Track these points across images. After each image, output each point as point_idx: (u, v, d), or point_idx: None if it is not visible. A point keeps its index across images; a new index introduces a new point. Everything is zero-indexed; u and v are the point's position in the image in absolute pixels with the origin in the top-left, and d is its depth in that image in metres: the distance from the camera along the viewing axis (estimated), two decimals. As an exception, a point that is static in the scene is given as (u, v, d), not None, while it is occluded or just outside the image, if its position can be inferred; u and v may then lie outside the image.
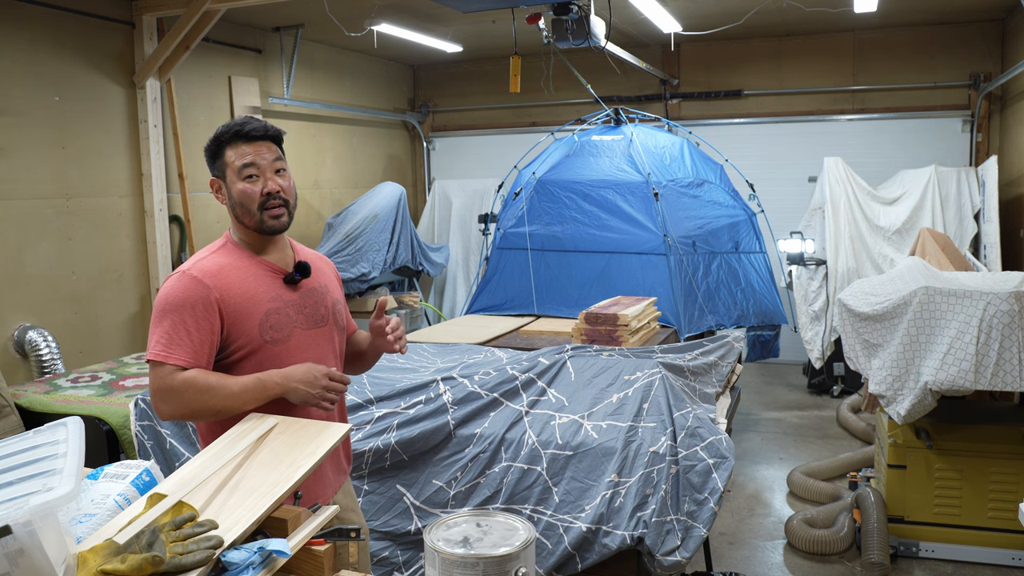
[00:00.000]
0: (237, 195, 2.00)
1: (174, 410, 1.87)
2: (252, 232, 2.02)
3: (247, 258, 2.01)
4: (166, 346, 1.87)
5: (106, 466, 1.62)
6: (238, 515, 1.42)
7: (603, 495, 2.70)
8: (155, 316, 1.92)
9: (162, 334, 1.88)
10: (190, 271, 1.94)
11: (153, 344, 1.88)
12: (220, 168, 2.04)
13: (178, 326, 1.88)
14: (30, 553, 1.16)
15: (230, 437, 1.73)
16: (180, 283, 1.92)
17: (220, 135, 2.04)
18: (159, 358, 1.87)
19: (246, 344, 1.95)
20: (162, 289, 1.94)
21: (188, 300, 1.90)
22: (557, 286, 5.53)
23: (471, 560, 1.25)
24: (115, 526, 1.38)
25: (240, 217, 2.02)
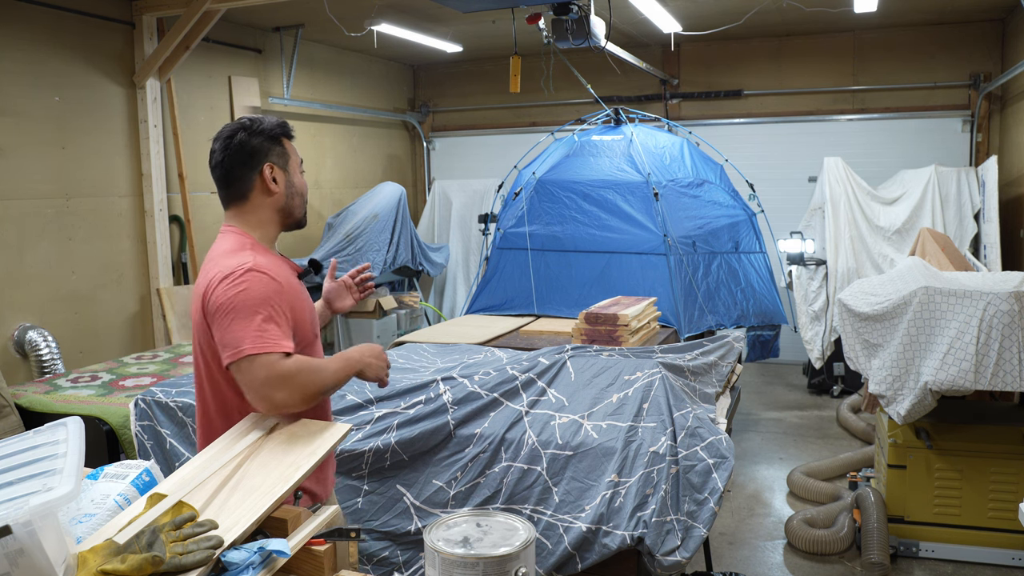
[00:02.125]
0: (300, 186, 2.05)
1: (289, 395, 1.81)
2: (277, 228, 2.06)
3: (274, 255, 2.02)
4: (266, 337, 1.83)
5: (106, 466, 1.62)
6: (238, 515, 1.42)
7: (603, 495, 2.70)
8: (239, 314, 1.83)
9: (256, 328, 1.83)
10: (256, 268, 1.90)
11: (249, 339, 1.81)
12: (283, 156, 2.03)
13: (269, 320, 1.85)
14: (30, 553, 1.16)
15: (230, 437, 1.73)
16: (256, 280, 1.88)
17: (280, 127, 2.04)
18: (263, 349, 1.81)
19: (302, 339, 1.98)
20: (234, 288, 1.85)
21: (269, 294, 1.88)
22: (557, 286, 5.53)
23: (471, 560, 1.25)
24: (115, 526, 1.38)
25: (291, 207, 2.05)
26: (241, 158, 1.99)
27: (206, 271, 1.94)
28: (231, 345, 1.82)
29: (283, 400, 1.81)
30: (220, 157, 2.00)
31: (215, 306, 1.85)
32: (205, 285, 1.91)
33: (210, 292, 1.88)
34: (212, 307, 1.86)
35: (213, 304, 1.86)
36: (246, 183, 2.00)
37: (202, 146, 6.23)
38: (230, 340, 1.82)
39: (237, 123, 2.02)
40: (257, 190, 2.00)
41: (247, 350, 1.80)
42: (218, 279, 1.87)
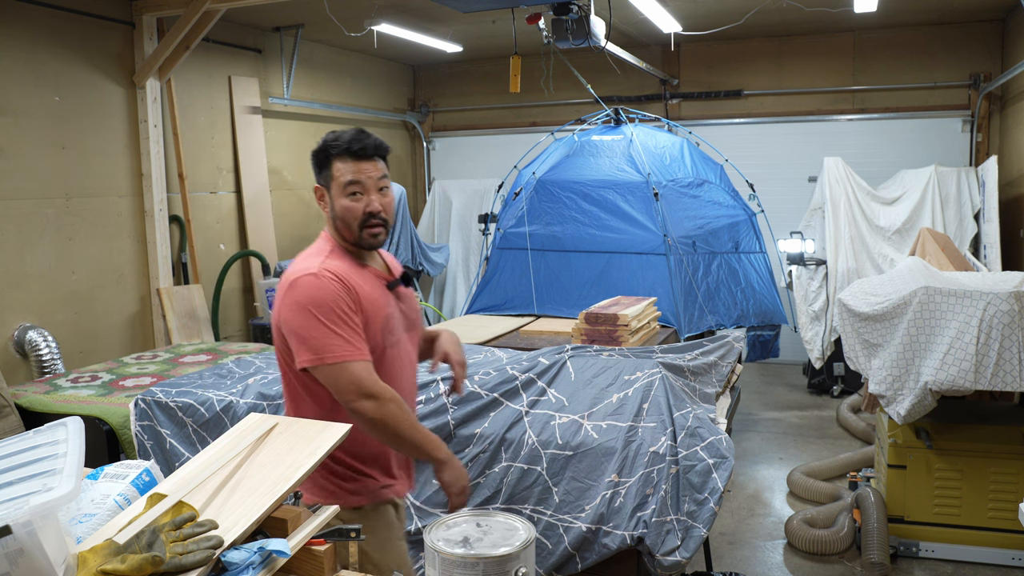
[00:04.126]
0: (340, 210, 2.02)
1: (379, 407, 1.88)
2: (345, 242, 2.07)
3: (355, 263, 2.04)
4: (352, 343, 1.88)
5: (106, 466, 1.62)
6: (238, 515, 1.42)
7: (603, 495, 2.70)
8: (313, 318, 1.89)
9: (338, 334, 1.88)
10: (324, 273, 1.93)
11: (333, 345, 1.87)
12: (326, 178, 2.04)
13: (346, 324, 1.90)
14: (30, 553, 1.16)
15: (230, 437, 1.73)
16: (325, 284, 1.91)
17: (329, 146, 2.02)
18: (353, 356, 1.87)
19: (372, 348, 1.97)
20: (303, 292, 1.91)
21: (340, 300, 1.91)
22: (557, 286, 5.53)
23: (471, 560, 1.25)
24: (115, 526, 1.38)
25: (339, 229, 2.04)
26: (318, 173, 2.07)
27: (284, 275, 2.01)
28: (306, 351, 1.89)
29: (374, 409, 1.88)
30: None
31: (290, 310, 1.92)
32: (279, 287, 2.00)
33: (281, 295, 1.96)
34: (283, 313, 1.94)
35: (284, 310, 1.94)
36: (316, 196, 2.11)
37: (201, 146, 6.24)
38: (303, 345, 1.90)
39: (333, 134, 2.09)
40: (319, 205, 2.09)
41: (336, 356, 1.88)
42: (289, 284, 1.95)
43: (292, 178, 7.30)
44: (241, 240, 6.64)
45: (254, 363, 3.67)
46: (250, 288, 6.64)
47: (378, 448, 2.05)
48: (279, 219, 7.01)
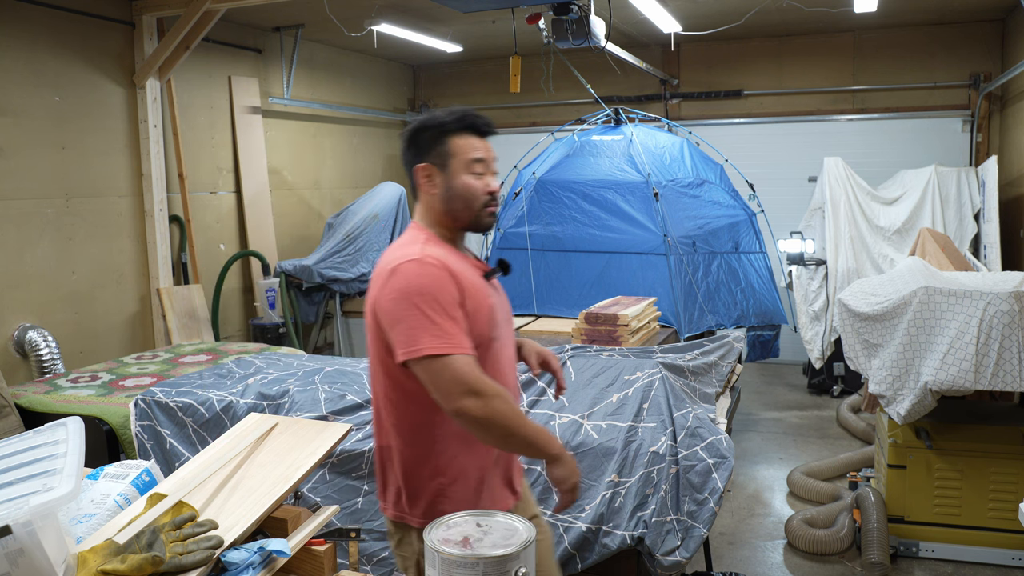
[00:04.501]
0: (461, 188, 1.88)
1: (485, 404, 1.71)
2: (449, 227, 1.93)
3: (455, 252, 1.90)
4: (455, 336, 1.72)
5: (106, 466, 1.62)
6: (238, 515, 1.42)
7: (603, 495, 2.70)
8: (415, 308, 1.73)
9: (440, 325, 1.72)
10: (428, 259, 1.78)
11: (435, 337, 1.71)
12: (441, 155, 1.89)
13: (448, 316, 1.74)
14: (30, 553, 1.16)
15: (230, 437, 1.73)
16: (429, 271, 1.76)
17: (445, 122, 1.89)
18: (456, 350, 1.71)
19: (477, 340, 1.82)
20: (405, 279, 1.76)
21: (444, 288, 1.76)
22: (557, 286, 5.53)
23: (471, 560, 1.25)
24: (115, 526, 1.38)
25: (454, 210, 1.90)
26: (409, 154, 1.94)
27: (381, 262, 1.87)
28: (404, 343, 1.73)
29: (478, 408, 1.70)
30: (402, 148, 1.97)
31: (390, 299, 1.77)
32: (379, 276, 1.83)
33: (381, 283, 1.80)
34: (383, 301, 1.78)
35: (384, 298, 1.78)
36: (412, 179, 1.95)
37: (201, 146, 6.24)
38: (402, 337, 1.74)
39: (421, 115, 1.98)
40: (420, 187, 1.93)
41: (434, 348, 1.71)
42: (389, 272, 1.79)
43: (292, 178, 7.30)
44: (241, 240, 6.64)
45: (254, 363, 3.67)
46: (250, 288, 6.64)
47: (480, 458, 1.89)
48: (279, 219, 7.01)
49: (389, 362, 1.82)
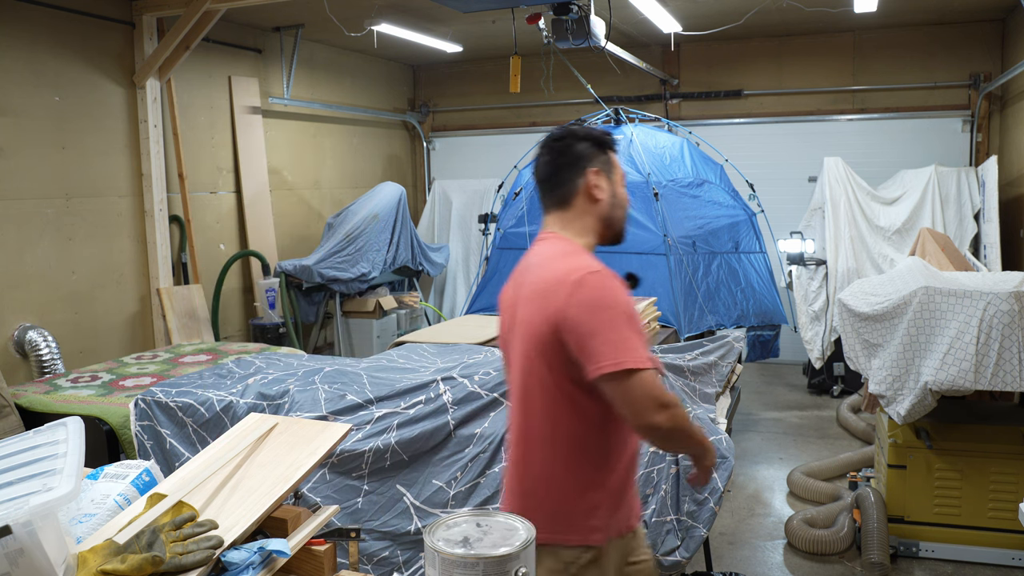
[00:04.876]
0: (622, 197, 1.94)
1: (672, 416, 1.68)
2: (597, 238, 1.94)
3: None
4: (643, 350, 1.68)
5: (106, 466, 1.62)
6: (238, 515, 1.42)
7: (603, 495, 2.70)
8: (611, 321, 1.69)
9: (633, 339, 1.68)
10: (607, 271, 1.76)
11: (629, 350, 1.66)
12: (608, 164, 1.92)
13: (636, 330, 1.71)
14: (30, 553, 1.16)
15: (230, 437, 1.73)
16: (614, 284, 1.75)
17: (607, 135, 1.94)
18: (647, 364, 1.67)
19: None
20: (594, 291, 1.72)
21: (629, 302, 1.74)
22: (557, 286, 5.52)
23: (471, 560, 1.25)
24: (115, 526, 1.38)
25: (614, 219, 1.92)
26: (568, 160, 1.90)
27: (539, 273, 1.81)
28: (600, 357, 1.67)
29: (667, 422, 1.67)
30: (548, 158, 1.92)
31: (582, 311, 1.70)
32: (550, 286, 1.76)
33: (564, 296, 1.72)
34: (571, 314, 1.70)
35: (574, 311, 1.71)
36: (572, 187, 1.89)
37: (201, 146, 6.24)
38: (597, 351, 1.67)
39: (565, 127, 1.96)
40: (581, 195, 1.89)
41: (631, 363, 1.65)
42: (573, 282, 1.73)
43: (292, 178, 7.30)
44: (241, 240, 6.64)
45: (254, 363, 3.67)
46: (250, 288, 6.64)
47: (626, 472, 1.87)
48: (279, 219, 7.01)
49: (555, 377, 1.77)
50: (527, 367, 1.82)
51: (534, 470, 1.84)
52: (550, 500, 1.82)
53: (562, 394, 1.77)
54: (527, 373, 1.82)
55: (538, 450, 1.83)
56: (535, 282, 1.81)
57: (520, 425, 1.88)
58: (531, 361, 1.80)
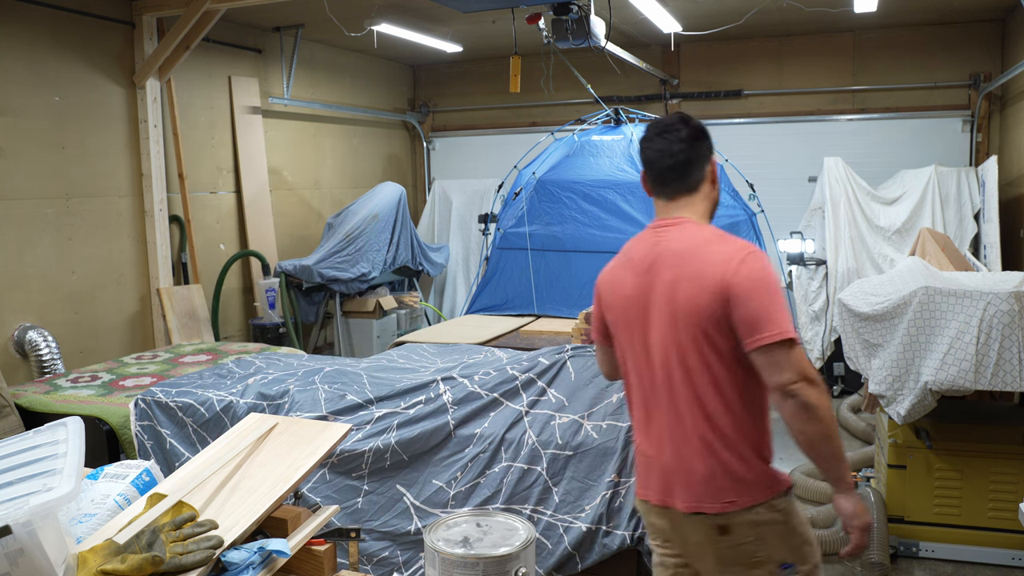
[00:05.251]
0: (718, 194, 2.11)
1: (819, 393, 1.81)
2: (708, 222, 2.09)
3: None
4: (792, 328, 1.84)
5: (106, 466, 1.62)
6: (238, 515, 1.42)
7: (603, 495, 2.70)
8: (776, 295, 1.85)
9: (788, 315, 1.84)
10: (762, 252, 1.93)
11: (789, 323, 1.82)
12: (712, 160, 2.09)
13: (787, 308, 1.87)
14: (30, 553, 1.16)
15: (230, 437, 1.73)
16: (769, 263, 1.91)
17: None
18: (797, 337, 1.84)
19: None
20: (761, 267, 1.86)
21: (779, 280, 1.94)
22: (557, 286, 5.53)
23: (471, 560, 1.25)
24: (115, 526, 1.38)
25: (716, 205, 2.09)
26: (699, 148, 2.02)
27: (700, 255, 1.91)
28: (773, 325, 1.80)
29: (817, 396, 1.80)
30: (681, 146, 2.01)
31: (752, 283, 1.83)
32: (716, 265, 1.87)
33: (733, 271, 1.85)
34: (742, 286, 1.83)
35: (745, 283, 1.83)
36: (701, 174, 2.03)
37: (201, 146, 6.24)
38: (766, 321, 1.80)
39: (681, 116, 2.06)
40: (707, 182, 2.04)
41: (789, 332, 1.80)
42: (742, 259, 1.86)
43: (292, 178, 7.30)
44: (241, 240, 6.64)
45: (254, 363, 3.67)
46: (250, 288, 6.64)
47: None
48: (279, 219, 7.01)
49: (725, 349, 1.89)
50: (690, 344, 1.91)
51: (724, 443, 1.92)
52: (746, 465, 1.94)
53: (732, 364, 1.90)
54: (690, 351, 1.92)
55: (725, 425, 1.91)
56: (698, 264, 1.90)
57: (687, 407, 1.94)
58: (696, 338, 1.90)
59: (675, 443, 1.96)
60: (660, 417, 1.99)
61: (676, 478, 1.97)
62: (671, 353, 1.94)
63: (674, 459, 1.97)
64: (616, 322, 2.08)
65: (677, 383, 1.94)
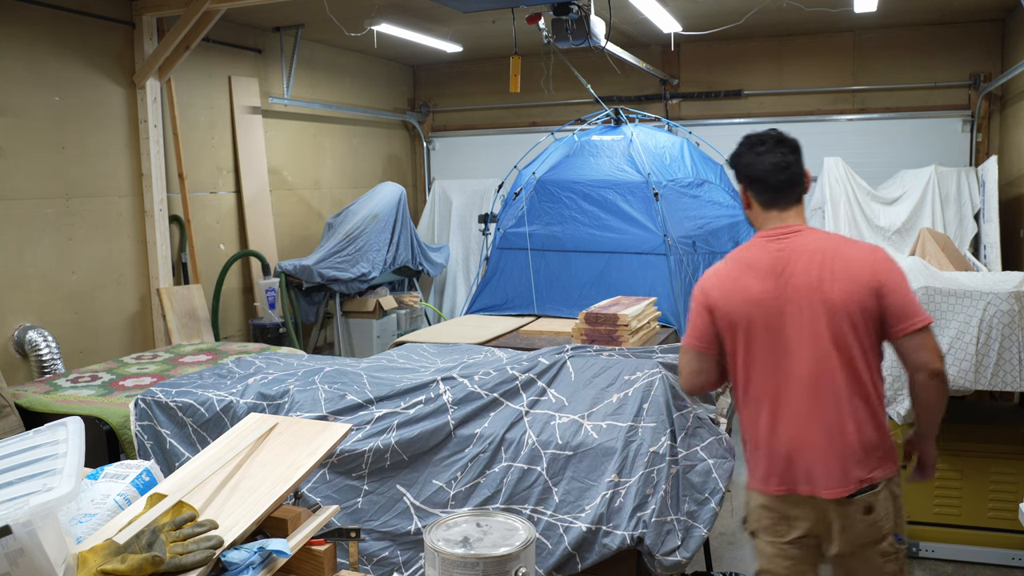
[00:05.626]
0: None
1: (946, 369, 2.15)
2: None
3: None
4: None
5: (106, 466, 1.62)
6: (238, 515, 1.42)
7: (603, 495, 2.70)
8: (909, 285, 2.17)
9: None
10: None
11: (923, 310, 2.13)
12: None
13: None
14: (30, 553, 1.16)
15: (230, 437, 1.73)
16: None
17: None
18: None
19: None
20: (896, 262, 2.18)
21: None
22: (557, 286, 5.53)
23: (471, 560, 1.25)
24: (115, 526, 1.38)
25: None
26: (802, 163, 2.30)
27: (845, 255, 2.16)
28: (918, 312, 2.11)
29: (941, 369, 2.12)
30: (792, 159, 2.28)
31: (898, 277, 2.14)
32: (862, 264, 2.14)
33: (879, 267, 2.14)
34: (891, 279, 2.13)
35: (892, 277, 2.14)
36: (804, 185, 2.31)
37: (201, 146, 6.24)
38: (915, 308, 2.11)
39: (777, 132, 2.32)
40: (805, 192, 2.33)
41: (929, 318, 2.11)
42: (882, 256, 2.18)
43: (292, 178, 7.30)
44: (241, 240, 6.64)
45: (254, 363, 3.67)
46: (250, 288, 6.64)
47: None
48: (279, 219, 7.01)
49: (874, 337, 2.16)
50: (849, 334, 2.13)
51: (876, 421, 2.19)
52: (888, 441, 2.24)
53: (873, 350, 2.17)
54: (849, 340, 2.13)
55: (876, 404, 2.18)
56: (843, 263, 2.15)
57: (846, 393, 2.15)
58: (853, 327, 2.13)
59: (829, 431, 2.15)
60: (805, 409, 2.16)
61: (829, 465, 2.15)
62: (825, 345, 2.13)
63: (827, 446, 2.15)
64: (736, 325, 2.22)
65: (835, 372, 2.14)
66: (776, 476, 2.23)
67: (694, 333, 2.31)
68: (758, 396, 2.22)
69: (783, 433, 2.19)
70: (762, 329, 2.18)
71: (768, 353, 2.18)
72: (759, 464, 2.28)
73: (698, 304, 2.29)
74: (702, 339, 2.29)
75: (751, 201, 2.31)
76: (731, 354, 2.26)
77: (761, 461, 2.26)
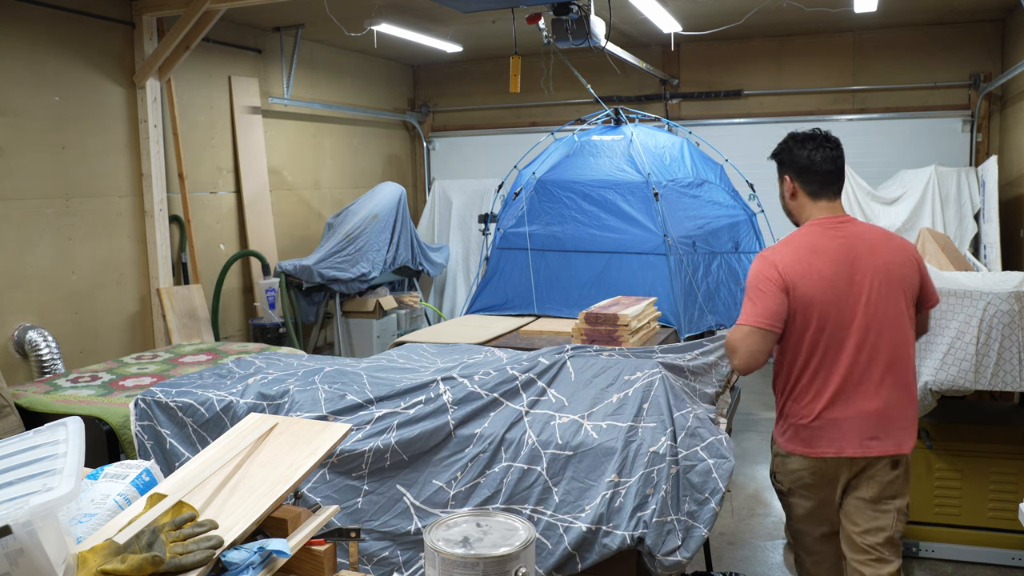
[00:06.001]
0: None
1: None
2: None
3: None
4: None
5: (106, 466, 1.62)
6: (238, 515, 1.42)
7: (603, 495, 2.70)
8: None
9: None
10: None
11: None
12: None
13: None
14: (30, 553, 1.16)
15: (230, 437, 1.73)
16: None
17: None
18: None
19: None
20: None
21: None
22: (557, 286, 5.52)
23: (471, 560, 1.25)
24: (115, 526, 1.38)
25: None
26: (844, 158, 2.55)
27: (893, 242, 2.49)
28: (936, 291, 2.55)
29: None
30: (839, 153, 2.53)
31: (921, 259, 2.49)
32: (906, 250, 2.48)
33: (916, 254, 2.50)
34: (924, 264, 2.49)
35: (923, 262, 2.49)
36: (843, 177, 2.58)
37: (201, 146, 6.24)
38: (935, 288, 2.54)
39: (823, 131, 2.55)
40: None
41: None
42: (913, 246, 2.51)
43: (292, 178, 7.30)
44: (241, 240, 6.64)
45: (254, 363, 3.67)
46: (250, 288, 6.64)
47: None
48: (279, 219, 7.01)
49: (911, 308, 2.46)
50: (906, 309, 2.44)
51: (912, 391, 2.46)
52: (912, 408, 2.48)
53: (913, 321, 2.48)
54: (904, 315, 2.43)
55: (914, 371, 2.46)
56: (894, 249, 2.46)
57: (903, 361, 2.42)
58: (907, 303, 2.44)
59: (887, 396, 2.38)
60: (873, 377, 2.38)
61: (887, 427, 2.39)
62: (890, 318, 2.39)
63: (885, 410, 2.38)
64: (811, 305, 2.39)
65: (897, 343, 2.39)
66: (833, 441, 2.42)
67: (764, 313, 2.40)
68: (826, 371, 2.40)
69: (853, 402, 2.38)
70: (835, 309, 2.37)
71: (844, 325, 2.37)
72: (812, 432, 2.45)
73: (773, 285, 2.39)
74: (774, 318, 2.39)
75: (797, 191, 2.54)
76: (799, 332, 2.41)
77: (816, 430, 2.44)
